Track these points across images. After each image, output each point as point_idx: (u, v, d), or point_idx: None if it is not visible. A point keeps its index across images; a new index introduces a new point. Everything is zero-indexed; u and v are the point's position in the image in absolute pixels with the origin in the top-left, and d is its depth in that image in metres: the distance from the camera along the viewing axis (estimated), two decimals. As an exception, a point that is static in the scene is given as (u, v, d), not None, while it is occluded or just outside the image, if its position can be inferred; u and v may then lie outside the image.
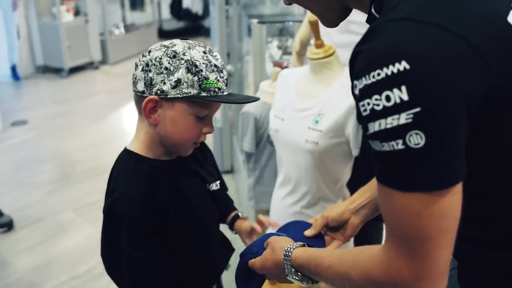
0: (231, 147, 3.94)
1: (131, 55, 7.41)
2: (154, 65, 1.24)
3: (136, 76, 1.28)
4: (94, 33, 7.04)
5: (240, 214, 1.62)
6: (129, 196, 1.30)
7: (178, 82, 1.23)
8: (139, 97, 1.29)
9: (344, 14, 1.07)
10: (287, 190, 2.07)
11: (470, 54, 0.75)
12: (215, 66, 1.27)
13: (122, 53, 7.33)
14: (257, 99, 1.44)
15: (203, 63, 1.24)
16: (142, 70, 1.26)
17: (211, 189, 1.49)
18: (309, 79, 2.02)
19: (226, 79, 1.31)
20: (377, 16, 0.90)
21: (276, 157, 2.16)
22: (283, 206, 2.10)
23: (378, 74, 0.75)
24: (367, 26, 2.09)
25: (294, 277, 1.12)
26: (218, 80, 1.26)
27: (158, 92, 1.24)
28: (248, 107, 2.40)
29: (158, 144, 1.35)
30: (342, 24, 2.11)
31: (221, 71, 1.28)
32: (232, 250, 1.60)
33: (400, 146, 0.75)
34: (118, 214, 1.29)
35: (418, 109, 0.73)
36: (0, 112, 5.10)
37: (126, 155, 1.37)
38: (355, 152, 1.91)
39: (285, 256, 1.12)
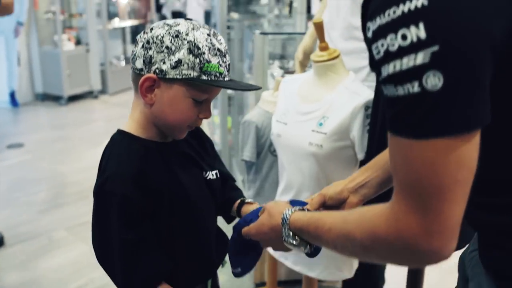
0: (231, 169, 3.90)
1: (130, 86, 7.38)
2: (155, 43, 1.20)
3: (136, 53, 1.24)
4: (95, 63, 7.07)
5: (247, 200, 1.54)
6: (120, 175, 1.24)
7: (179, 62, 1.19)
8: (136, 75, 1.24)
9: None
10: (289, 197, 2.02)
11: None
12: (219, 50, 1.22)
13: (122, 83, 7.34)
14: (259, 87, 1.40)
15: (206, 46, 1.20)
16: (142, 47, 1.22)
17: (208, 177, 1.43)
18: (313, 83, 1.99)
19: (229, 64, 1.27)
20: None
21: (278, 163, 2.11)
22: (285, 214, 2.04)
23: (394, 12, 0.71)
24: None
25: (292, 241, 1.06)
26: (220, 65, 1.22)
27: (157, 71, 1.20)
28: (250, 116, 2.36)
29: (152, 124, 1.30)
30: (346, 30, 2.13)
31: (224, 56, 1.24)
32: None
33: (416, 89, 0.71)
34: (109, 192, 1.23)
35: (436, 47, 0.69)
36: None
37: (119, 135, 1.32)
38: (361, 156, 1.87)
39: (283, 219, 1.07)
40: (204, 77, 1.21)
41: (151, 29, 1.24)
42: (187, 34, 1.20)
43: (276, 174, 2.25)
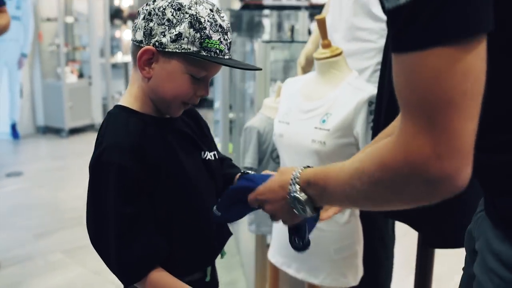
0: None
1: (132, 120, 7.41)
2: (157, 15, 1.18)
3: (137, 24, 1.22)
4: (97, 96, 7.09)
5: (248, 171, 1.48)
6: (117, 146, 1.20)
7: (179, 36, 1.16)
8: (136, 47, 1.22)
9: None
10: (290, 200, 1.95)
11: None
12: (220, 26, 1.20)
13: (124, 117, 7.34)
14: (259, 68, 1.37)
15: (208, 21, 1.17)
16: (144, 18, 1.20)
17: (206, 157, 1.38)
18: (316, 81, 1.96)
19: (230, 43, 1.24)
20: None
21: (281, 165, 2.06)
22: (286, 219, 1.97)
23: None
24: (376, 33, 2.06)
25: (297, 195, 1.00)
26: (221, 42, 1.19)
27: (157, 43, 1.18)
28: (252, 122, 2.32)
29: (149, 99, 1.27)
30: (349, 32, 2.11)
31: (226, 33, 1.21)
32: (229, 233, 1.46)
33: None
34: (105, 163, 1.19)
35: None
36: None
37: (116, 109, 1.29)
38: (364, 152, 1.81)
39: (293, 175, 1.02)
40: (203, 53, 1.17)
41: (154, 0, 1.21)
42: (189, 8, 1.17)
43: (278, 182, 2.19)
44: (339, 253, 1.91)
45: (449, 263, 2.32)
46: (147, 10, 1.20)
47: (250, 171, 1.46)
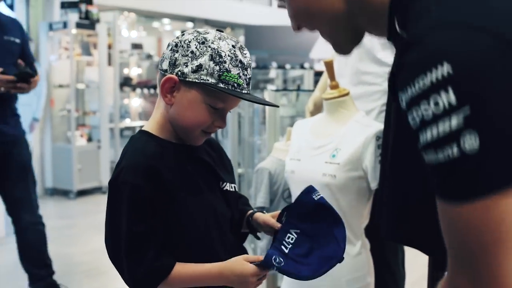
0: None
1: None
2: (182, 46, 1.28)
3: (165, 54, 1.33)
4: (105, 159, 7.21)
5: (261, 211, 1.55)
6: (133, 166, 1.28)
7: (199, 67, 1.26)
8: (161, 75, 1.32)
9: (356, 37, 1.05)
10: (303, 234, 2.02)
11: (509, 50, 0.74)
12: (241, 62, 1.29)
13: (131, 181, 7.42)
14: (275, 105, 1.46)
15: (228, 56, 1.27)
16: (171, 50, 1.31)
17: (224, 188, 1.44)
18: (325, 119, 2.07)
19: (249, 78, 1.33)
20: (402, 32, 0.90)
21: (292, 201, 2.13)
22: (299, 253, 2.03)
23: (423, 80, 0.74)
24: (380, 76, 2.19)
25: None
26: (239, 76, 1.28)
27: (179, 73, 1.28)
28: (263, 164, 2.42)
29: (171, 126, 1.35)
30: (355, 76, 2.24)
31: (246, 69, 1.30)
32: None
33: (455, 152, 0.72)
34: (121, 182, 1.26)
35: (467, 108, 0.71)
36: (4, 220, 5.05)
37: (139, 133, 1.39)
38: (374, 184, 1.90)
39: None
40: (221, 85, 1.26)
41: (183, 34, 1.33)
42: (212, 42, 1.27)
43: (289, 222, 2.26)
44: (351, 284, 1.95)
45: None
46: (175, 42, 1.31)
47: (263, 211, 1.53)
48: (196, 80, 1.26)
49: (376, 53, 2.14)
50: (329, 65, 2.03)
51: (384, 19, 0.93)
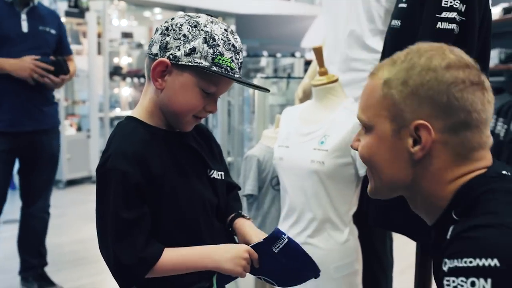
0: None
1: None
2: (174, 30, 1.27)
3: (154, 39, 1.31)
4: (95, 149, 7.17)
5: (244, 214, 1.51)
6: (121, 153, 1.26)
7: (193, 50, 1.24)
8: (151, 60, 1.30)
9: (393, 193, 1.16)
10: (292, 221, 2.02)
11: None
12: (233, 46, 1.28)
13: (121, 170, 7.38)
14: (267, 89, 1.44)
15: (221, 39, 1.26)
16: (161, 33, 1.29)
17: (212, 175, 1.43)
18: (314, 106, 2.06)
19: (241, 63, 1.32)
20: (457, 218, 1.00)
21: (280, 189, 2.13)
22: (287, 240, 2.03)
23: (471, 262, 0.85)
24: (370, 63, 2.18)
25: None
26: (232, 60, 1.27)
27: (171, 56, 1.26)
28: (252, 151, 2.40)
29: (160, 112, 1.33)
30: (344, 63, 2.23)
31: (238, 53, 1.29)
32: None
33: None
34: (108, 169, 1.25)
35: None
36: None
37: (126, 120, 1.37)
38: (362, 171, 1.90)
39: None
40: (214, 68, 1.25)
41: (172, 18, 1.30)
42: (205, 26, 1.26)
43: (278, 210, 2.26)
44: (339, 271, 1.95)
45: None
46: (165, 26, 1.29)
47: (243, 213, 1.51)
48: (190, 63, 1.25)
49: (366, 40, 2.13)
50: (318, 51, 2.02)
51: (436, 208, 1.06)
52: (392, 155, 1.04)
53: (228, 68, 1.27)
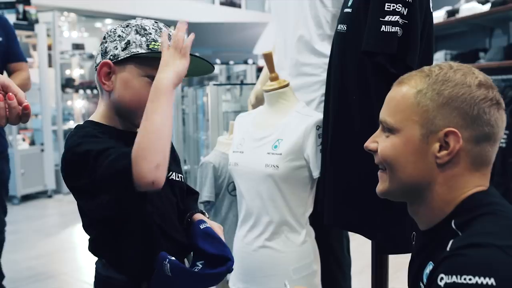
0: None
1: (85, 186, 7.34)
2: (109, 35, 1.35)
3: (96, 53, 1.38)
4: (49, 163, 7.04)
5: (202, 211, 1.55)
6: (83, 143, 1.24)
7: (128, 43, 1.32)
8: (97, 71, 1.35)
9: (404, 198, 1.21)
10: (249, 225, 2.05)
11: None
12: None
13: (77, 183, 7.26)
14: (211, 63, 1.45)
15: (152, 28, 1.35)
16: (101, 44, 1.37)
17: (170, 177, 1.45)
18: (267, 111, 2.09)
19: None
20: (457, 230, 1.05)
21: (237, 194, 2.15)
22: (245, 244, 2.06)
23: (470, 279, 0.90)
24: (319, 67, 2.22)
25: None
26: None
27: (111, 57, 1.32)
28: (207, 158, 2.42)
29: (116, 114, 1.37)
30: (294, 68, 2.27)
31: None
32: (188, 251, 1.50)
33: None
34: (73, 146, 1.24)
35: None
36: None
37: (84, 123, 1.39)
38: (316, 173, 1.94)
39: None
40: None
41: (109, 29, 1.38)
42: (135, 22, 1.36)
43: (235, 215, 2.28)
44: (298, 273, 1.98)
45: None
46: (103, 37, 1.37)
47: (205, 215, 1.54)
48: (127, 55, 1.31)
49: (314, 44, 2.17)
50: (269, 57, 2.05)
51: (437, 214, 1.12)
52: (416, 157, 1.11)
53: None
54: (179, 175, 1.50)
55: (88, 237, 1.39)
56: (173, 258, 1.32)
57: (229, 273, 1.42)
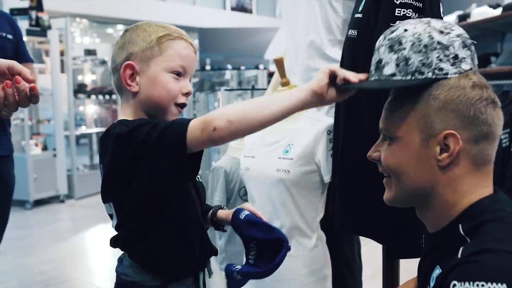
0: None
1: (97, 191, 7.38)
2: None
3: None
4: (62, 168, 7.09)
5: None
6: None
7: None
8: (116, 72, 1.37)
9: (411, 202, 1.22)
10: (260, 230, 2.05)
11: None
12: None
13: (89, 188, 7.32)
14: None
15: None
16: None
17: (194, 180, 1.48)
18: (277, 116, 2.09)
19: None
20: (466, 237, 1.05)
21: (248, 199, 2.16)
22: (256, 248, 2.05)
23: (483, 285, 0.91)
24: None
25: None
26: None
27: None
28: (218, 163, 2.44)
29: (145, 114, 1.37)
30: (305, 73, 2.27)
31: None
32: (214, 251, 1.52)
33: None
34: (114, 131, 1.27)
35: None
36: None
37: (119, 120, 1.37)
38: (327, 178, 1.94)
39: None
40: None
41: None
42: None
43: (246, 220, 2.28)
44: (309, 277, 1.99)
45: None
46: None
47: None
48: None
49: (325, 50, 2.18)
50: (279, 62, 2.06)
51: (444, 217, 1.12)
52: (418, 162, 1.13)
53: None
54: (198, 176, 1.51)
55: (113, 235, 1.38)
56: (238, 266, 1.40)
57: (288, 251, 1.47)
